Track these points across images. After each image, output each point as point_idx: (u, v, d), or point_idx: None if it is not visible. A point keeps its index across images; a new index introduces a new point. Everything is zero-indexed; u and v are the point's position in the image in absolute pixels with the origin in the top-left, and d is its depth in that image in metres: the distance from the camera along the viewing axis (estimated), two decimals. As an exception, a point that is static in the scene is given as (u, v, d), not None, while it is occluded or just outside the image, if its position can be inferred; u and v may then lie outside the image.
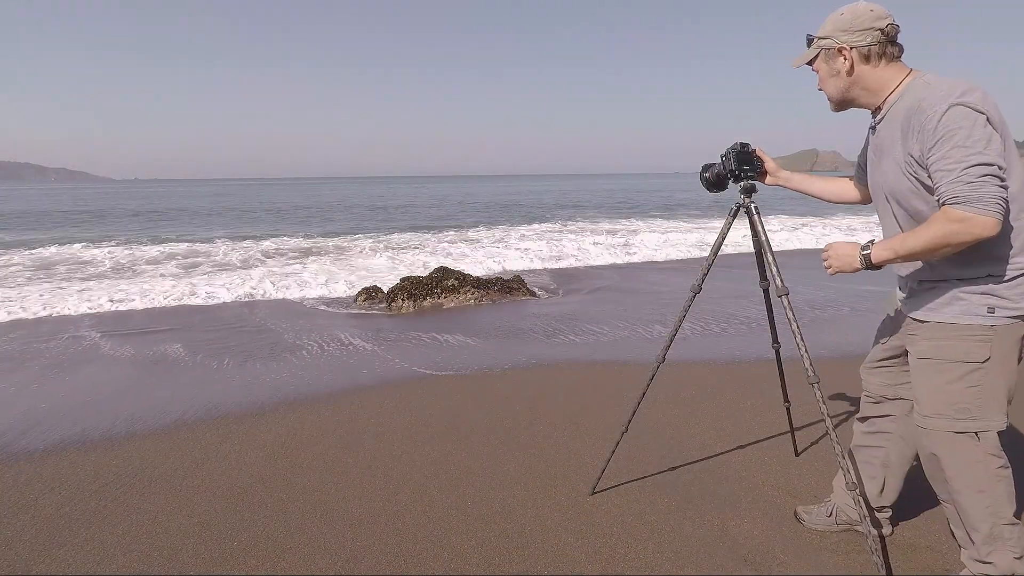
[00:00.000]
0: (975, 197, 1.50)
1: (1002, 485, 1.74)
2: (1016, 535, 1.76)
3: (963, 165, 1.51)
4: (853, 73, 1.77)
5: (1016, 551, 1.76)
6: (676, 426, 3.38)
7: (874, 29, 1.71)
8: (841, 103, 1.87)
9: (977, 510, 1.76)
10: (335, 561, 2.22)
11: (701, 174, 2.30)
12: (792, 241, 13.10)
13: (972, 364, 1.69)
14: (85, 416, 3.70)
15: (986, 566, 1.79)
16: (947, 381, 1.73)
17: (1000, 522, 1.75)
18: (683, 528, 2.38)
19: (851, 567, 2.11)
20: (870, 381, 2.12)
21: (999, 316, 1.65)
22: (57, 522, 2.52)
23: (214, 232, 18.74)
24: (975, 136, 1.52)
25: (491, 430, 3.39)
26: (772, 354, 2.66)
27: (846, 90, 1.81)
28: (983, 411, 1.70)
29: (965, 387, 1.71)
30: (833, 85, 1.83)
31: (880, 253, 1.72)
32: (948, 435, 1.74)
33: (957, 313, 1.69)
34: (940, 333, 1.73)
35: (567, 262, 10.62)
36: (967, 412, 1.71)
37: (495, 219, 22.66)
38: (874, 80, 1.76)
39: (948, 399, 1.73)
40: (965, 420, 1.71)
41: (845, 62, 1.77)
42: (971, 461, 1.73)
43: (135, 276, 9.94)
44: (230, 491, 2.75)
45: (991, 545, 1.76)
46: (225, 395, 4.05)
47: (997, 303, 1.65)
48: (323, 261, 11.30)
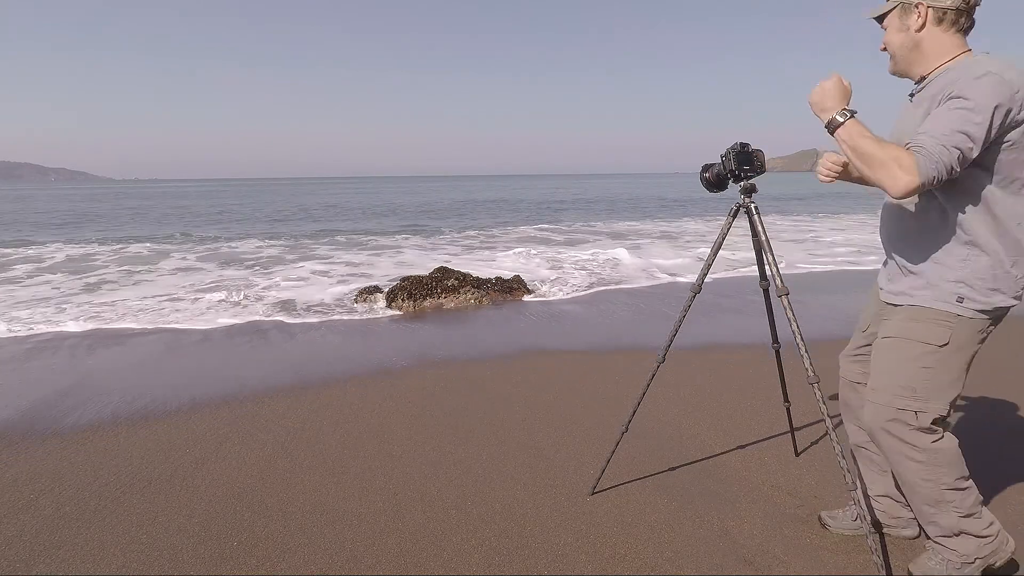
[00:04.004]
0: (933, 154, 1.55)
1: (939, 455, 1.78)
2: (959, 498, 1.80)
3: (950, 126, 1.56)
4: (922, 31, 1.75)
5: (960, 510, 1.80)
6: (676, 426, 3.38)
7: None
8: (900, 62, 1.84)
9: (914, 479, 1.81)
10: (335, 561, 2.22)
11: (701, 174, 2.30)
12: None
13: (930, 347, 1.76)
14: (84, 416, 3.70)
15: (932, 527, 1.85)
16: (903, 359, 1.80)
17: (942, 488, 1.79)
18: (683, 528, 2.38)
19: (851, 567, 2.11)
20: (849, 369, 2.16)
21: (966, 307, 1.72)
22: (57, 522, 2.52)
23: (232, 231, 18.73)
24: (982, 105, 1.55)
25: (491, 430, 3.39)
26: (772, 354, 2.67)
27: (910, 48, 1.79)
28: (928, 393, 1.76)
29: (919, 367, 1.77)
30: (899, 41, 1.81)
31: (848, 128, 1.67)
32: (887, 410, 1.81)
33: (928, 298, 1.77)
34: (908, 314, 1.82)
35: (568, 261, 10.61)
36: (912, 391, 1.77)
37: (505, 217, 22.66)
38: (936, 45, 1.75)
39: (899, 377, 1.80)
40: (907, 399, 1.78)
41: (919, 19, 1.74)
42: (903, 437, 1.79)
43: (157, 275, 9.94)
44: (230, 491, 2.75)
45: (936, 508, 1.82)
46: (225, 395, 4.05)
47: (967, 294, 1.72)
48: (322, 262, 11.30)
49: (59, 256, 12.59)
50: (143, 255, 12.73)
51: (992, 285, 1.71)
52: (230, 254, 12.82)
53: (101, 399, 3.99)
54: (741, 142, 2.19)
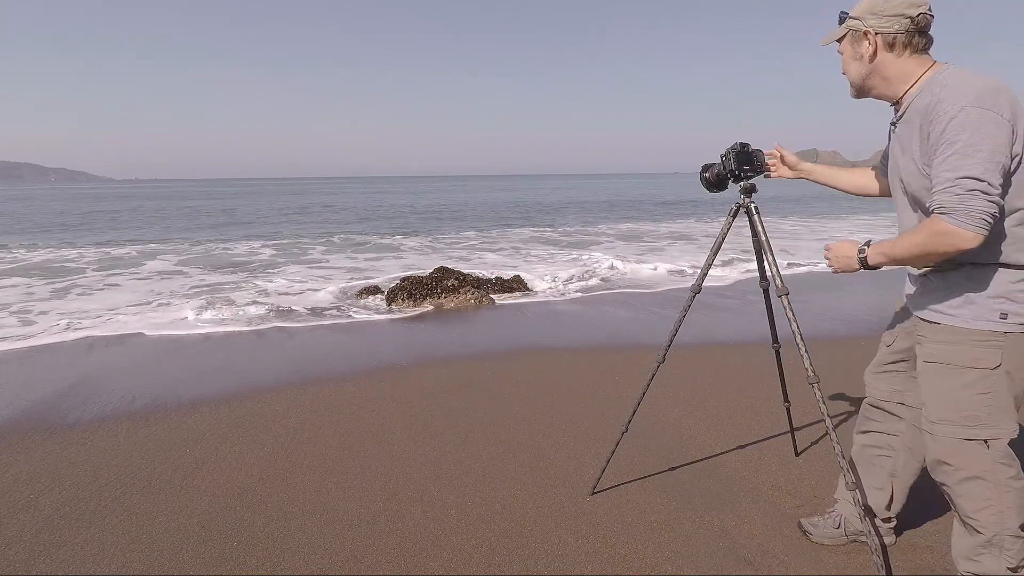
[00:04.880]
0: (961, 210, 1.48)
1: (1011, 496, 1.67)
2: (1017, 547, 1.70)
3: (956, 175, 1.48)
4: (875, 59, 1.71)
5: (1011, 562, 1.70)
6: (676, 426, 3.38)
7: (904, 16, 1.64)
8: (860, 90, 1.80)
9: (983, 518, 1.70)
10: (335, 561, 2.22)
11: (701, 174, 2.30)
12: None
13: (982, 370, 1.62)
14: (84, 416, 3.70)
15: (972, 563, 1.75)
16: (956, 387, 1.67)
17: (1004, 532, 1.69)
18: (683, 528, 2.38)
19: (851, 567, 2.11)
20: (876, 387, 2.06)
21: (1011, 323, 1.60)
22: (57, 522, 2.52)
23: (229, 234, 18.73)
24: (977, 144, 1.48)
25: (491, 430, 3.39)
26: (772, 354, 2.67)
27: (866, 76, 1.75)
28: (993, 419, 1.64)
29: (975, 393, 1.64)
30: (855, 69, 1.77)
31: (874, 256, 1.72)
32: (956, 442, 1.68)
33: (968, 317, 1.64)
34: (950, 336, 1.67)
35: (568, 262, 10.62)
36: (976, 419, 1.64)
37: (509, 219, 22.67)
38: (895, 70, 1.70)
39: (957, 405, 1.67)
40: (974, 428, 1.65)
41: (869, 47, 1.70)
42: (980, 470, 1.67)
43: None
44: (230, 491, 2.75)
45: (987, 549, 1.71)
46: (225, 395, 4.05)
47: (1010, 309, 1.59)
48: (322, 262, 11.30)
49: (89, 257, 12.59)
50: (144, 255, 12.74)
51: None
52: (230, 254, 12.83)
53: (101, 399, 3.99)
54: (741, 142, 2.19)
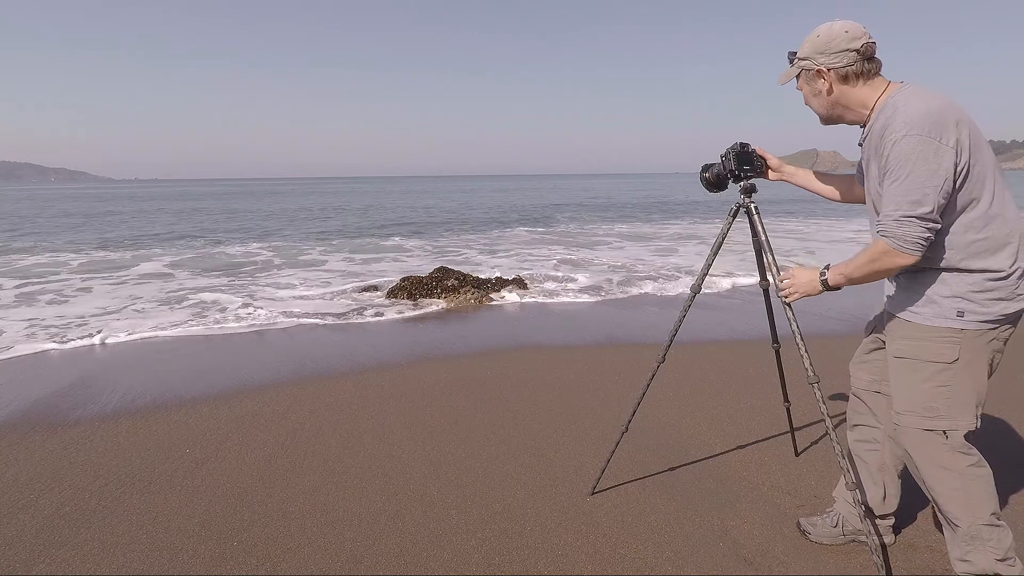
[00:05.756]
0: (899, 235, 1.64)
1: (976, 484, 1.78)
2: (996, 536, 1.78)
3: (896, 202, 1.64)
4: (832, 93, 1.83)
5: (997, 552, 1.78)
6: (676, 426, 3.38)
7: (850, 51, 1.75)
8: (828, 119, 1.93)
9: (953, 507, 1.80)
10: (335, 561, 2.22)
11: (701, 174, 2.30)
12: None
13: (942, 364, 1.75)
14: (84, 416, 3.70)
15: (965, 564, 1.83)
16: (919, 380, 1.79)
17: (978, 522, 1.78)
18: (683, 528, 2.38)
19: (851, 567, 2.11)
20: (858, 375, 2.15)
21: (968, 320, 1.72)
22: (57, 522, 2.52)
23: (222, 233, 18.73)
24: (917, 172, 1.60)
25: (491, 430, 3.39)
26: (772, 354, 2.67)
27: (830, 108, 1.88)
28: (951, 411, 1.76)
29: (935, 386, 1.77)
30: (817, 104, 1.89)
31: (834, 278, 1.87)
32: (918, 432, 1.80)
33: (929, 315, 1.76)
34: (914, 333, 1.80)
35: (568, 261, 10.62)
36: (935, 411, 1.77)
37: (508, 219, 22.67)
38: (855, 99, 1.82)
39: (919, 398, 1.79)
40: (933, 419, 1.77)
41: (825, 83, 1.82)
42: (940, 459, 1.79)
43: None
44: (230, 491, 2.75)
45: (970, 544, 1.80)
46: (225, 395, 4.05)
47: (967, 307, 1.71)
48: (322, 262, 11.30)
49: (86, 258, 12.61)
50: (142, 256, 12.74)
51: (992, 296, 1.70)
52: (230, 255, 12.83)
53: (101, 399, 3.99)
54: (741, 142, 2.20)
